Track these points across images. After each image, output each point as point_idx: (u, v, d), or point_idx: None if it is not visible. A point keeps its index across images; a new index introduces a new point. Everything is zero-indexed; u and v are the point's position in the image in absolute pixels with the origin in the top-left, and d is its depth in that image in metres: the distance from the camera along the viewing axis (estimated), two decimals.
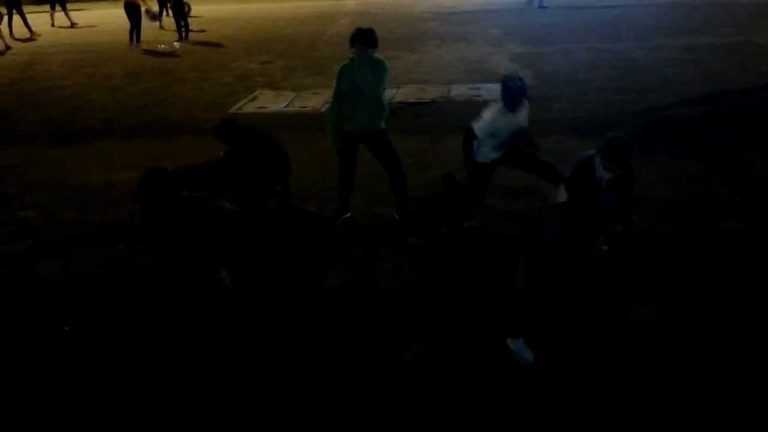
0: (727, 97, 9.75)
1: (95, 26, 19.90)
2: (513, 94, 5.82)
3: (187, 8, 17.29)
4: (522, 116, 5.97)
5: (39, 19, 20.04)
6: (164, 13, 18.68)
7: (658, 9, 17.61)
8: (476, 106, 9.38)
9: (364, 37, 5.69)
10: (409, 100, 10.17)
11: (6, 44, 16.96)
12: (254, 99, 11.01)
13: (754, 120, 8.67)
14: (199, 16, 20.57)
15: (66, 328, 4.83)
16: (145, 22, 16.41)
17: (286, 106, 10.50)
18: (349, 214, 6.31)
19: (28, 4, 19.69)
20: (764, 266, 5.20)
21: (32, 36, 18.31)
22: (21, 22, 18.17)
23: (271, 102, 10.77)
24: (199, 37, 17.44)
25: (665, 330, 4.49)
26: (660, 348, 4.32)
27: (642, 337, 4.44)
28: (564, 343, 4.40)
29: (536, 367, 4.19)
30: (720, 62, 11.81)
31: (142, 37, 16.19)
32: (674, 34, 14.43)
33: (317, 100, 10.64)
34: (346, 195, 6.26)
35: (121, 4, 16.02)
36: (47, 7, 20.56)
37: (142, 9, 16.14)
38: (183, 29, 16.88)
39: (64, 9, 20.19)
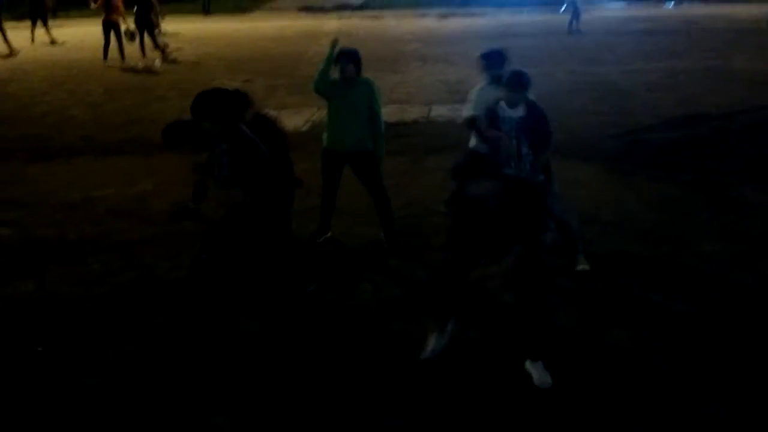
0: (705, 121, 9.87)
1: (75, 43, 19.79)
2: (488, 57, 5.87)
3: (156, 29, 17.04)
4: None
5: (19, 35, 19.91)
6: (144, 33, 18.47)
7: (638, 34, 17.84)
8: (457, 128, 9.45)
9: (354, 59, 5.79)
10: (390, 121, 10.15)
11: None
12: None
13: (732, 144, 8.78)
14: (177, 33, 20.49)
15: (40, 349, 4.74)
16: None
17: None
18: (329, 234, 6.28)
19: (8, 20, 19.55)
20: (743, 289, 5.23)
21: (12, 53, 18.16)
22: (1, 38, 18.04)
23: None
24: (180, 55, 17.38)
25: (644, 352, 4.50)
26: (639, 370, 4.32)
27: (621, 358, 4.44)
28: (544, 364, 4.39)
29: (513, 388, 4.17)
30: (698, 86, 11.97)
31: (126, 54, 16.11)
32: (653, 59, 14.62)
33: (299, 119, 10.62)
34: (327, 215, 6.23)
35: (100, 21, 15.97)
36: (28, 23, 20.42)
37: (122, 27, 16.04)
38: (147, 46, 16.71)
39: (45, 26, 20.06)
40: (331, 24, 23.08)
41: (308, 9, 28.56)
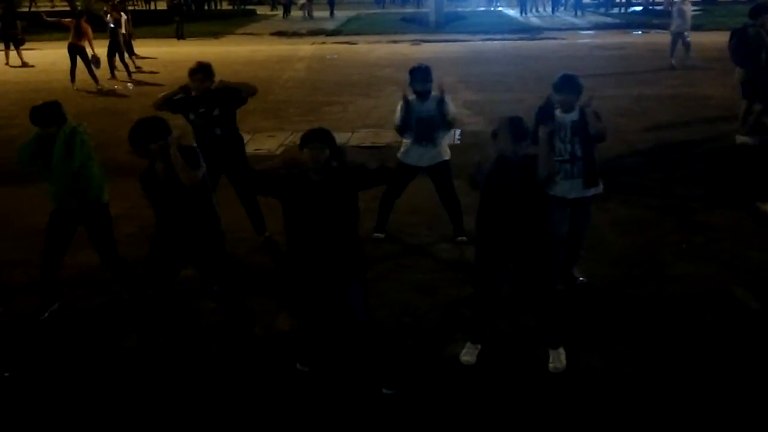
0: (673, 146, 10.03)
1: (46, 66, 19.59)
2: (415, 72, 6.55)
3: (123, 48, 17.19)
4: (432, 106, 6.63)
5: None
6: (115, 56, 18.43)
7: (606, 60, 18.14)
8: None
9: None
10: (364, 144, 10.20)
11: None
12: None
13: (699, 168, 8.93)
14: (154, 57, 20.46)
15: (6, 374, 4.64)
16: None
17: None
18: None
19: None
20: (712, 312, 5.29)
21: None
22: None
23: None
24: (154, 78, 17.31)
25: (617, 375, 4.51)
26: (612, 393, 4.32)
27: (594, 382, 4.44)
28: (516, 388, 4.38)
29: (485, 413, 4.15)
30: (666, 112, 12.17)
31: (98, 75, 16.01)
32: (623, 85, 14.85)
33: (272, 142, 10.61)
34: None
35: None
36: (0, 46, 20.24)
37: (89, 52, 15.90)
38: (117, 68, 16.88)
39: (17, 48, 19.87)
40: (304, 49, 23.16)
41: (281, 34, 28.67)
